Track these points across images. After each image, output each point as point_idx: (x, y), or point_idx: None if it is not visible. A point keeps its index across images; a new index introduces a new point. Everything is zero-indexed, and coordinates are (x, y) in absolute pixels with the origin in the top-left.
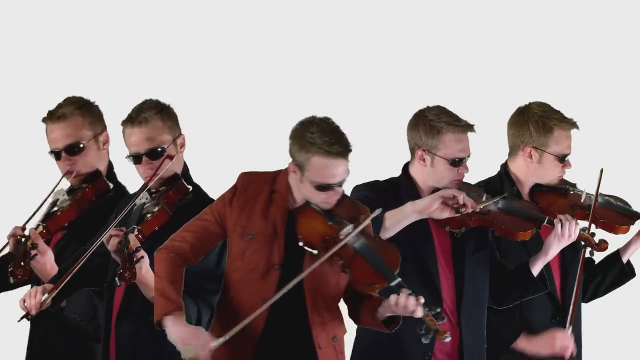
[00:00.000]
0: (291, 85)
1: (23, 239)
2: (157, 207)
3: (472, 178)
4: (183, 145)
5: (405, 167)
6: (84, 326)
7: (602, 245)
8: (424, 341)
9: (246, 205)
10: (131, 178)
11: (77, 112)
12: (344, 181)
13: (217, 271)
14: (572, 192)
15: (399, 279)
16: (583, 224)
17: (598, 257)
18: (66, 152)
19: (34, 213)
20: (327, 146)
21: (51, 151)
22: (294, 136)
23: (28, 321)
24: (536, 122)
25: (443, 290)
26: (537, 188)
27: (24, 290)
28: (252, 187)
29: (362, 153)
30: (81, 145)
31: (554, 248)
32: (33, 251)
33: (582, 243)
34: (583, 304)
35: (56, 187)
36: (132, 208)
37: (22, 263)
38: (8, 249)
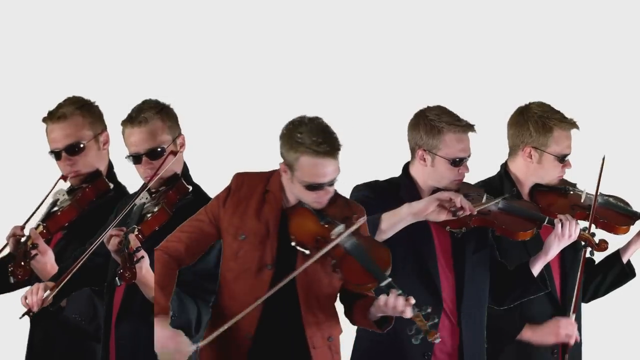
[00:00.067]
0: (291, 85)
1: (23, 239)
2: (157, 207)
3: (472, 178)
4: (183, 145)
5: (405, 167)
6: (84, 326)
7: (602, 245)
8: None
9: (239, 205)
10: (131, 178)
11: (78, 112)
12: (335, 180)
13: (217, 271)
14: (572, 192)
15: (389, 279)
16: (583, 224)
17: (598, 257)
18: (66, 152)
19: (34, 213)
20: (315, 146)
21: (51, 151)
22: (284, 136)
23: (30, 318)
24: (536, 122)
25: (443, 290)
26: (537, 188)
27: (24, 290)
28: (246, 188)
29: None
30: (81, 145)
31: (554, 248)
32: (33, 251)
33: (583, 243)
34: (583, 304)
35: (55, 187)
36: (132, 208)
37: (23, 263)
38: (8, 249)
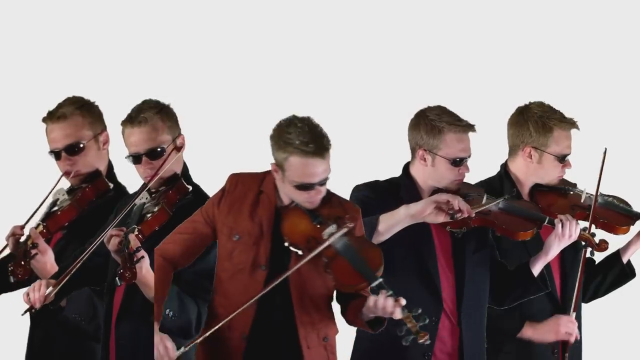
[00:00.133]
0: (291, 85)
1: (23, 238)
2: (157, 207)
3: (472, 178)
4: (183, 145)
5: (405, 167)
6: (84, 326)
7: (603, 245)
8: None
9: (233, 206)
10: (131, 178)
11: (77, 112)
12: (326, 180)
13: None
14: (572, 192)
15: (380, 280)
16: (583, 224)
17: (598, 258)
18: (66, 152)
19: (34, 213)
20: (304, 146)
21: (51, 151)
22: (273, 136)
23: (32, 315)
24: (536, 122)
25: (443, 290)
26: (537, 188)
27: (24, 290)
28: (240, 188)
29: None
30: (81, 145)
31: (555, 248)
32: (33, 250)
33: (583, 243)
34: (583, 304)
35: (55, 187)
36: (132, 208)
37: (23, 262)
38: (8, 249)
